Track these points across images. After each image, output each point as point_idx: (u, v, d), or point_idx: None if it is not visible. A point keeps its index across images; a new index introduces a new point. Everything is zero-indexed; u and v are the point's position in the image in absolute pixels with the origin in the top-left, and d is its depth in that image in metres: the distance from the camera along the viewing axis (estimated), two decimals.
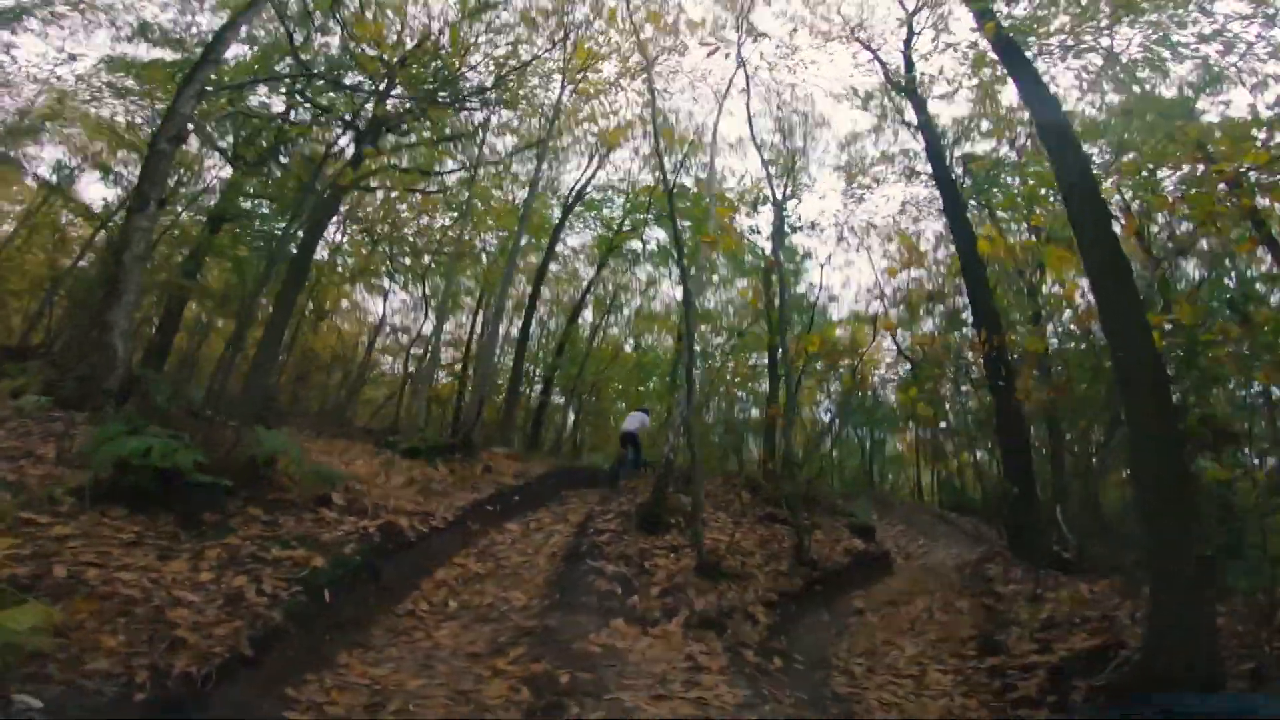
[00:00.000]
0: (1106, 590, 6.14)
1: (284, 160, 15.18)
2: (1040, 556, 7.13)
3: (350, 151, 13.46)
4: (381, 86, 12.76)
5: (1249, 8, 7.93)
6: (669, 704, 3.58)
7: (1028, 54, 6.40)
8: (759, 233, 15.70)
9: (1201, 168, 8.39)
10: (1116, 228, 6.50)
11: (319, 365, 18.36)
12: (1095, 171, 6.83)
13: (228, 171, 15.90)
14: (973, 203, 13.08)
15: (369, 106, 13.10)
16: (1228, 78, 8.49)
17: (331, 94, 14.05)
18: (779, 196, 12.61)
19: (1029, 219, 11.01)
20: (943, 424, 17.63)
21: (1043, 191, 13.24)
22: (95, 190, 46.33)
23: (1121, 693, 4.19)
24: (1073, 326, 9.29)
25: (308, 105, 14.23)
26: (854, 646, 5.77)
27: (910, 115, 10.97)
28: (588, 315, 19.24)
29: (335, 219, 16.14)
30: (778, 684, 4.49)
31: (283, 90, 14.08)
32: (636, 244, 18.02)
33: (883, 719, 4.30)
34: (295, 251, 12.85)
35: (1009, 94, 10.77)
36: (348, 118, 13.26)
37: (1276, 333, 5.25)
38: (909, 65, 10.53)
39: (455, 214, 15.85)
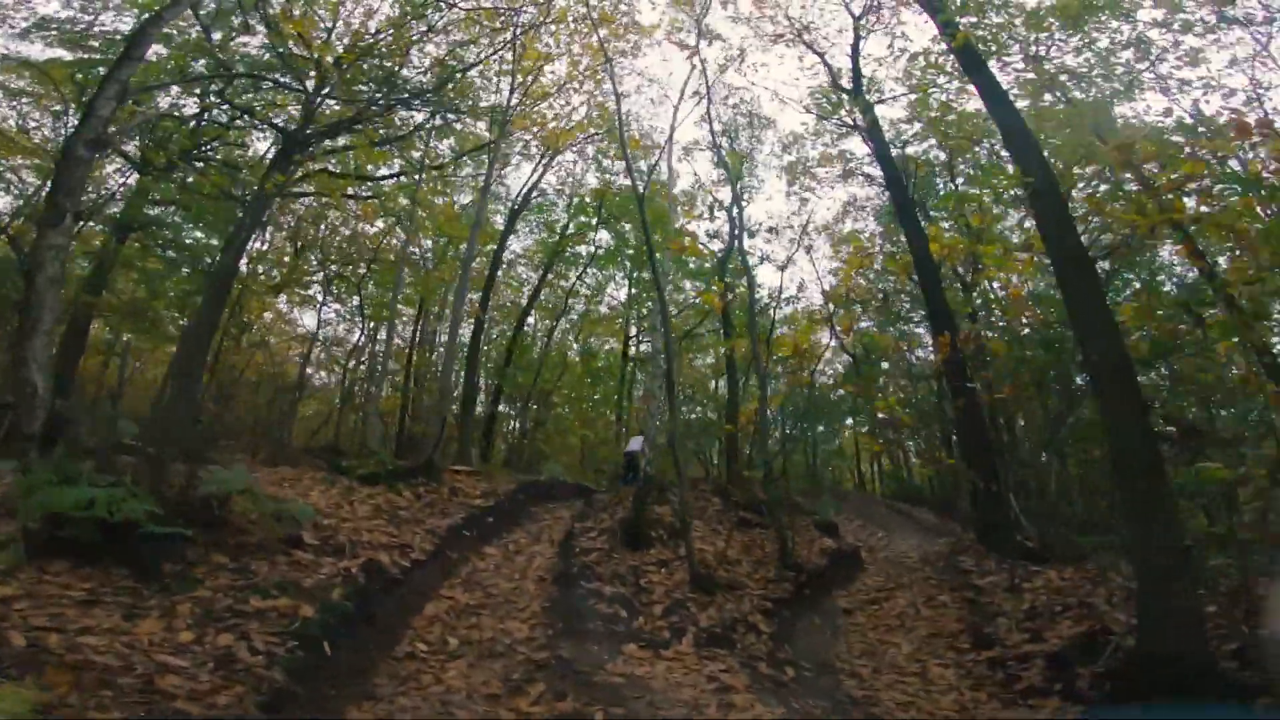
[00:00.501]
0: (1076, 578, 6.48)
1: (198, 165, 14.10)
2: (1008, 547, 7.47)
3: (277, 156, 12.63)
4: (311, 88, 12.03)
5: (1164, 15, 8.57)
6: None
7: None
8: (716, 237, 15.77)
9: (1128, 174, 9.04)
10: None
11: (245, 384, 17.15)
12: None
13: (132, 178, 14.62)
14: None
15: (298, 109, 12.34)
16: (1146, 84, 9.14)
17: (251, 95, 13.16)
18: (740, 199, 12.71)
19: (969, 219, 11.51)
20: (881, 415, 18.36)
21: (975, 191, 14.00)
22: None
23: (1121, 679, 4.41)
24: (1027, 327, 9.75)
25: (226, 108, 13.25)
26: (852, 648, 5.84)
27: (857, 118, 11.26)
28: (533, 321, 18.90)
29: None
30: (799, 695, 4.47)
31: (197, 91, 13.06)
32: (582, 248, 17.85)
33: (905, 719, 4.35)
34: (218, 262, 11.95)
35: (945, 97, 11.18)
36: (276, 121, 12.43)
37: (1225, 336, 5.66)
38: (856, 69, 10.82)
39: (394, 220, 15.17)
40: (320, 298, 17.97)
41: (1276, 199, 7.05)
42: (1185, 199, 7.47)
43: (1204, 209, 6.46)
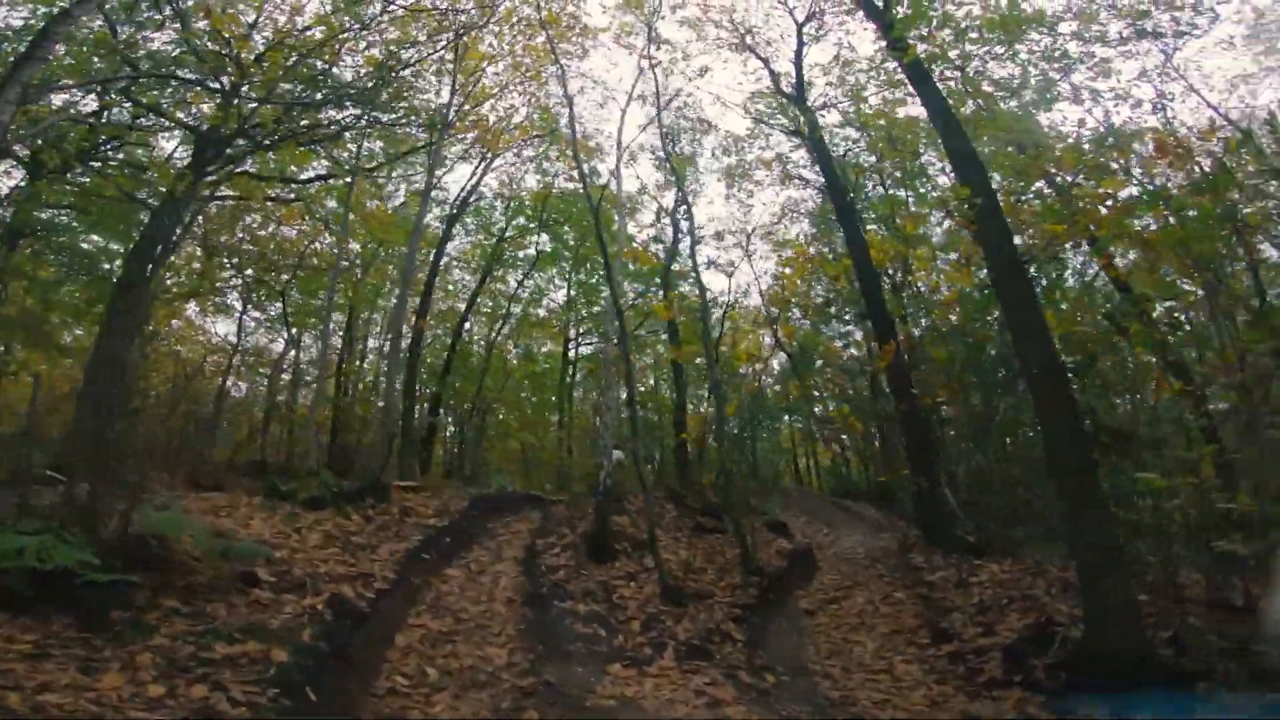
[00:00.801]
0: (1016, 570, 6.94)
1: (95, 166, 12.97)
2: (951, 543, 7.91)
3: (191, 157, 11.77)
4: (228, 86, 11.27)
5: (1079, 27, 9.24)
6: None
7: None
8: (661, 241, 15.85)
9: (1043, 184, 9.72)
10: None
11: (156, 399, 15.88)
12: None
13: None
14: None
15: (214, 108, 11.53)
16: (1062, 95, 9.82)
17: (158, 93, 12.21)
18: (689, 204, 12.86)
19: (900, 224, 12.08)
20: (816, 409, 19.03)
21: (902, 194, 14.70)
22: None
23: (1072, 669, 4.74)
24: (953, 327, 10.32)
25: (130, 106, 12.25)
26: (820, 649, 6.03)
27: (800, 122, 11.58)
28: (469, 327, 18.43)
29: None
30: (783, 701, 4.60)
31: (97, 89, 12.00)
32: (521, 251, 17.55)
33: (885, 717, 4.53)
34: (125, 270, 11.06)
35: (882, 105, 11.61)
36: (188, 120, 11.59)
37: (1145, 345, 6.19)
38: (799, 75, 11.13)
39: (321, 224, 14.45)
40: (239, 305, 16.90)
41: (1180, 210, 7.77)
42: (1100, 209, 8.14)
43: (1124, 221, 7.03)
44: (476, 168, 15.22)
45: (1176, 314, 6.70)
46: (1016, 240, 8.46)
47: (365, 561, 6.40)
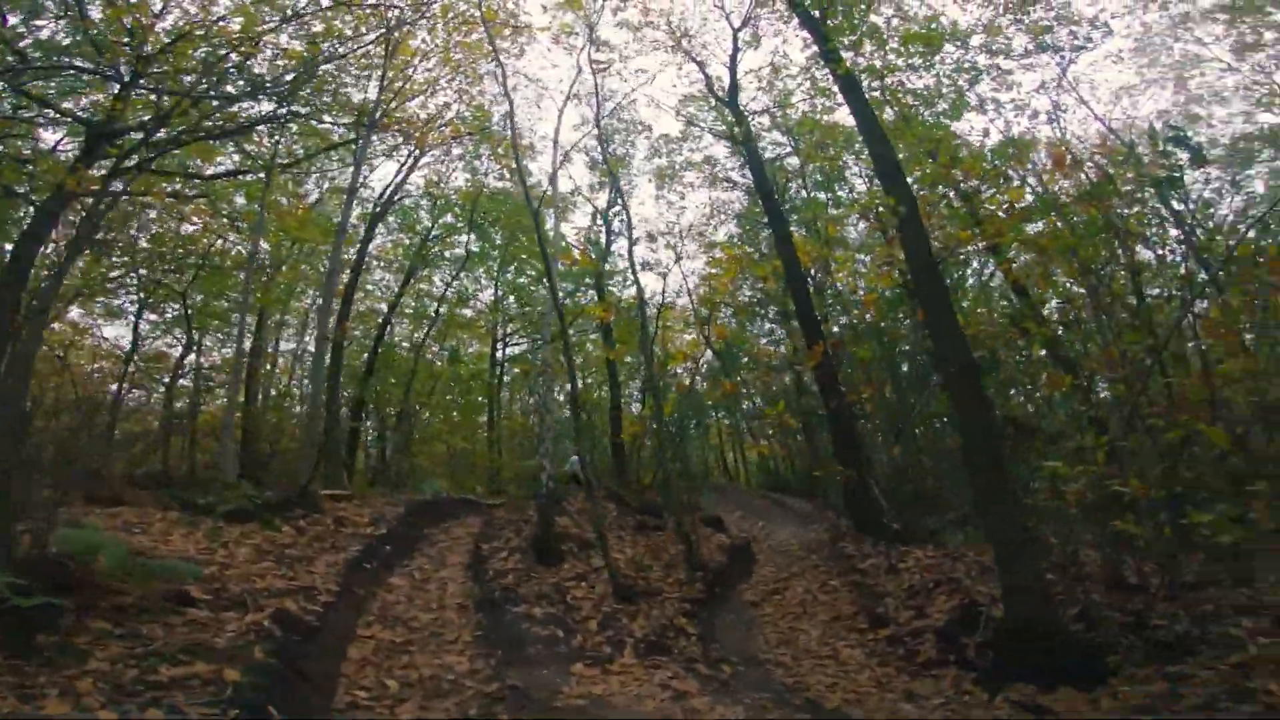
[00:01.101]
0: (939, 555, 7.46)
1: None
2: (879, 532, 8.41)
3: (82, 150, 10.77)
4: (127, 77, 10.40)
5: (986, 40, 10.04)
6: None
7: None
8: (595, 243, 15.82)
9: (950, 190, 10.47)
10: None
11: (40, 407, 14.39)
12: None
13: None
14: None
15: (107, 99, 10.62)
16: (970, 105, 10.63)
17: (43, 84, 11.13)
18: (626, 206, 12.94)
19: (822, 227, 12.69)
20: (744, 404, 19.62)
21: (822, 197, 15.42)
22: None
23: (998, 648, 5.16)
24: (868, 325, 10.98)
25: (10, 99, 11.10)
26: (768, 639, 6.30)
27: (726, 125, 11.93)
28: (391, 328, 17.78)
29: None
30: (743, 690, 4.78)
31: None
32: (448, 251, 17.11)
33: (838, 700, 4.80)
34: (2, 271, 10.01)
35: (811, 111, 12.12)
36: (82, 113, 10.63)
37: (1039, 343, 6.83)
38: (734, 79, 11.47)
39: (228, 222, 13.58)
40: (134, 308, 15.59)
41: (1069, 217, 8.59)
42: (1000, 215, 8.88)
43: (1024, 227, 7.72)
44: (403, 165, 14.76)
45: (1067, 313, 7.41)
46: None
47: (304, 574, 6.12)
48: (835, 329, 13.28)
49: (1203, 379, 6.04)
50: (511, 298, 19.44)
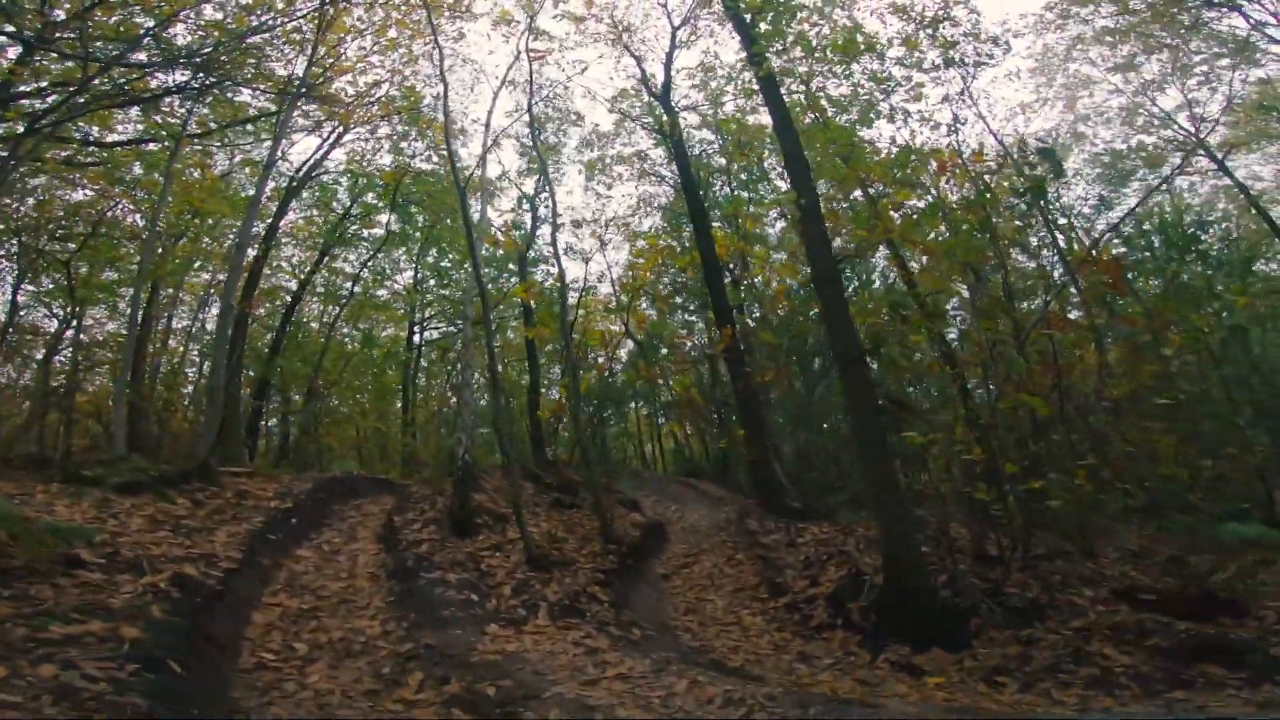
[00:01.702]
0: (832, 530, 8.05)
1: None
2: (782, 510, 8.95)
3: None
4: (32, 39, 9.50)
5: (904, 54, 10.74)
6: (604, 686, 3.87)
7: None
8: (520, 227, 15.69)
9: (859, 192, 11.17)
10: None
11: None
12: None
13: None
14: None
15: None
16: (882, 114, 11.34)
17: None
18: (553, 193, 12.97)
19: (741, 223, 13.22)
20: (677, 395, 20.02)
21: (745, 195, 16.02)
22: None
23: (878, 611, 5.66)
24: (779, 318, 11.57)
25: None
26: (677, 607, 6.62)
27: (657, 121, 12.22)
28: (304, 309, 17.05)
29: None
30: (653, 649, 5.05)
31: None
32: (366, 230, 16.54)
33: (738, 660, 5.16)
34: None
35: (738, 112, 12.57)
36: None
37: (921, 333, 7.48)
38: (668, 77, 11.77)
39: (126, 190, 12.65)
40: (9, 279, 14.22)
41: (954, 222, 9.39)
42: (894, 217, 9.58)
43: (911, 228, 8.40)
44: (325, 141, 14.15)
45: (946, 308, 8.11)
46: (836, 242, 9.73)
47: (204, 544, 5.90)
48: (750, 321, 13.88)
49: (1050, 366, 6.76)
50: (432, 280, 19.03)
